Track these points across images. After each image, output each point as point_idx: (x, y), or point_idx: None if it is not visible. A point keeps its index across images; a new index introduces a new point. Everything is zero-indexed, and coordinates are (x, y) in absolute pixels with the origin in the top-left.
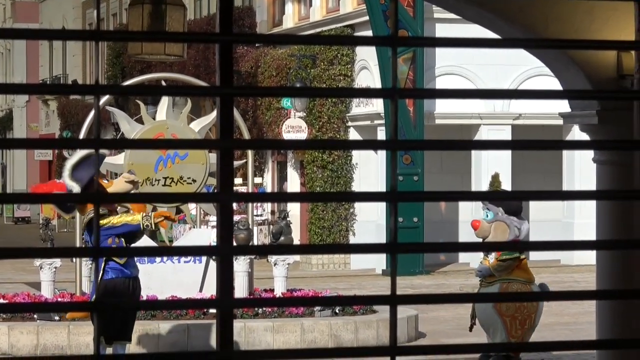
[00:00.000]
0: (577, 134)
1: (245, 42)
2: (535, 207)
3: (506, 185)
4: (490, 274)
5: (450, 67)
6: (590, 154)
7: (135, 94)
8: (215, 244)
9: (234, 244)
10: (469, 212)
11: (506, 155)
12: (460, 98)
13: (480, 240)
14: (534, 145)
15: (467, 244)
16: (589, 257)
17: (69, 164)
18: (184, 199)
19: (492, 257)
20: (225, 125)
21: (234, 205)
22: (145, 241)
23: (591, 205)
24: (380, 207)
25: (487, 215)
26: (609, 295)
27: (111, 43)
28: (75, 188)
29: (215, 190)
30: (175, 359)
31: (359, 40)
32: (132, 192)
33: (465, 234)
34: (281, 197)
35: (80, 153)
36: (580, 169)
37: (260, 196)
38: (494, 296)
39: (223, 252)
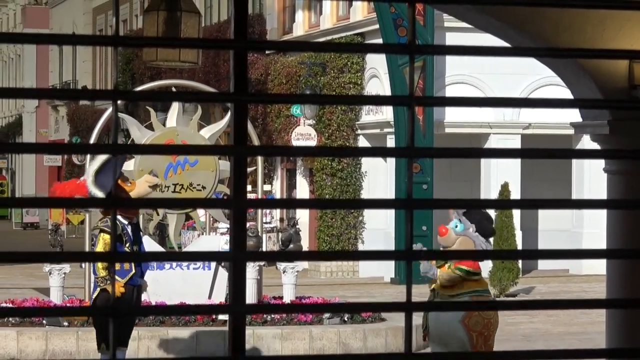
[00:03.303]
0: (586, 143)
1: (260, 49)
2: (544, 217)
3: (515, 194)
4: (430, 272)
5: (460, 76)
6: (600, 163)
7: (152, 99)
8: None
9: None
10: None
11: (515, 164)
12: (476, 106)
13: (446, 246)
14: (548, 154)
15: (481, 252)
16: (598, 266)
17: (91, 170)
18: (198, 204)
19: (447, 265)
20: (239, 131)
21: None
22: (153, 246)
23: (600, 214)
24: (389, 215)
25: (457, 226)
26: (618, 303)
27: (121, 49)
28: (99, 195)
29: (226, 198)
30: None
31: (378, 48)
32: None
33: None
34: (294, 203)
35: (99, 158)
36: (590, 178)
37: (273, 202)
38: (506, 304)
39: (236, 258)
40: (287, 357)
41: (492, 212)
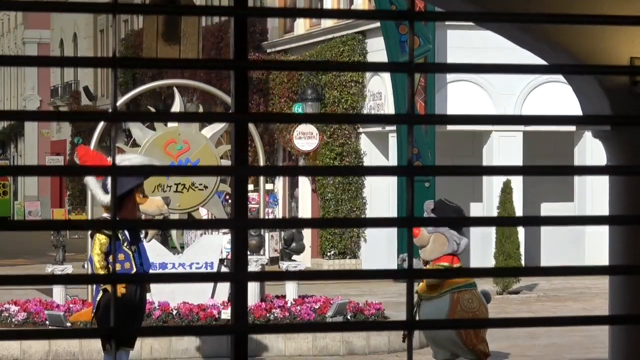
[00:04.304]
0: (588, 140)
1: (260, 16)
2: (547, 214)
3: (518, 192)
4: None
5: (460, 75)
6: (602, 160)
7: (152, 67)
8: (226, 250)
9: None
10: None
11: (517, 161)
12: (473, 72)
13: (421, 246)
14: (547, 121)
15: (478, 218)
16: (601, 263)
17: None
18: (201, 172)
19: (428, 266)
20: (241, 98)
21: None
22: (155, 246)
23: (603, 211)
24: (392, 212)
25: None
26: (621, 270)
27: (123, 49)
28: (100, 194)
29: (227, 198)
30: (191, 333)
31: (377, 15)
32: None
33: (476, 240)
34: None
35: (134, 160)
36: (592, 180)
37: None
38: (504, 271)
39: (237, 226)
40: (291, 325)
41: (494, 209)
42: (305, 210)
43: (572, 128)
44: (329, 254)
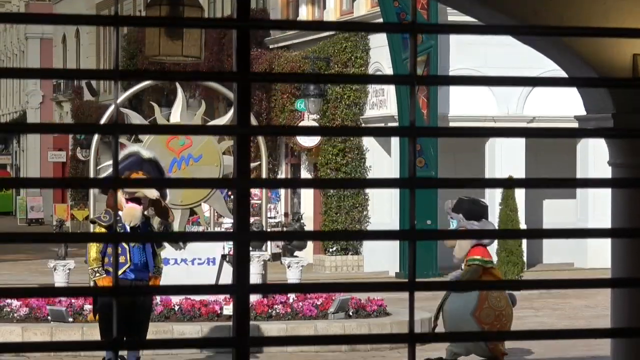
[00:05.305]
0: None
1: (263, 28)
2: (549, 210)
3: (520, 189)
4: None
5: (463, 70)
6: (605, 158)
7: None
8: (228, 245)
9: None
10: None
11: (520, 159)
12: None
13: (452, 247)
14: (547, 134)
15: (488, 231)
16: (603, 260)
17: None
18: (200, 184)
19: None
20: (243, 111)
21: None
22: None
23: (605, 208)
24: (394, 209)
25: (452, 225)
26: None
27: (125, 44)
28: None
29: (230, 194)
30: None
31: (380, 27)
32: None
33: None
34: (297, 183)
35: (135, 157)
36: (594, 172)
37: (276, 182)
38: (521, 283)
39: (240, 238)
40: (294, 337)
41: (496, 205)
42: (307, 206)
43: (575, 124)
44: (331, 250)
